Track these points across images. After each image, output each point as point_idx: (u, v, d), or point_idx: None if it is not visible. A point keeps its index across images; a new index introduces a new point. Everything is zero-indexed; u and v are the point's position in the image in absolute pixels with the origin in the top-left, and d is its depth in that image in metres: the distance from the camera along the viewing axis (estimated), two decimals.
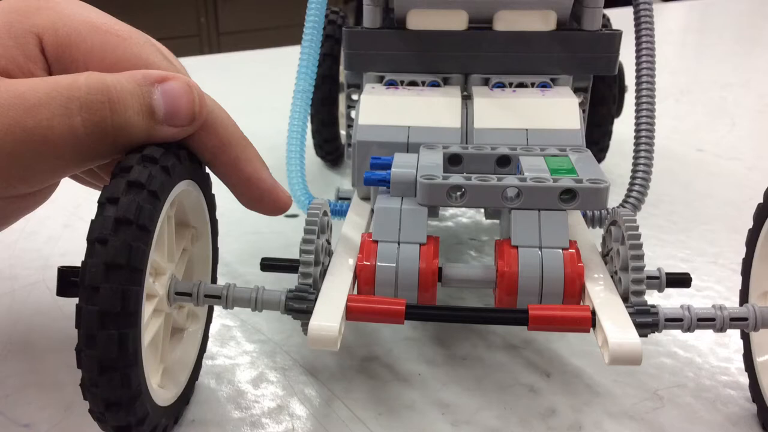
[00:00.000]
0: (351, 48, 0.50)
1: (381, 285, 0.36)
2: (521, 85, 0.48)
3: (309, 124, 0.62)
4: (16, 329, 0.45)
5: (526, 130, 0.44)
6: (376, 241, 0.37)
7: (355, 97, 0.54)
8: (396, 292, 0.36)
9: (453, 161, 0.42)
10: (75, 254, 0.31)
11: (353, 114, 0.51)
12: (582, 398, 0.39)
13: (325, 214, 0.38)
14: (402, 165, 0.40)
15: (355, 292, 0.37)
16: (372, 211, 0.43)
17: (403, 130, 0.44)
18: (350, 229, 0.42)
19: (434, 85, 0.49)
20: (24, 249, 0.55)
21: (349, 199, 0.49)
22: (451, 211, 0.61)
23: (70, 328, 0.29)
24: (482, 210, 0.54)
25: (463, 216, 0.60)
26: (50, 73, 0.35)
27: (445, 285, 0.38)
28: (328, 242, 0.39)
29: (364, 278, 0.37)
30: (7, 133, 0.31)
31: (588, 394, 0.39)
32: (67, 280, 0.33)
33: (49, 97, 0.31)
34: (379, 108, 0.46)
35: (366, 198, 0.47)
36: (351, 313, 0.34)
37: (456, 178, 0.37)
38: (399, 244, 0.37)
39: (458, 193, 0.37)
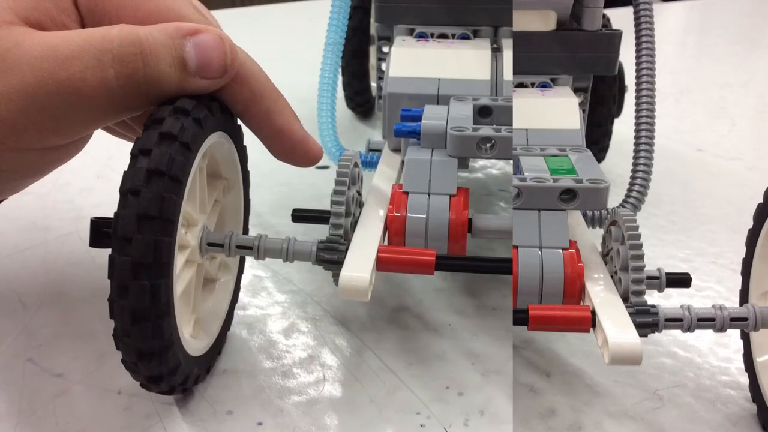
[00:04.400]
0: (381, 0, 0.49)
1: (411, 236, 0.37)
2: (521, 85, 0.48)
3: (340, 77, 0.62)
4: (49, 279, 0.46)
5: (526, 130, 0.43)
6: (407, 193, 0.37)
7: (385, 49, 0.54)
8: (426, 243, 0.37)
9: (483, 113, 0.42)
10: (108, 205, 0.31)
11: (384, 66, 0.51)
12: (582, 398, 0.38)
13: (355, 165, 0.38)
14: (432, 117, 0.40)
15: (386, 242, 0.37)
16: (402, 162, 0.43)
17: (434, 82, 0.44)
18: (381, 180, 0.42)
19: (464, 37, 0.49)
20: (57, 200, 0.56)
21: (379, 150, 0.49)
22: (481, 162, 0.61)
23: (103, 279, 0.30)
24: (512, 162, 0.54)
25: (492, 167, 0.60)
26: (83, 26, 0.35)
27: (475, 236, 0.38)
28: (359, 193, 0.39)
29: (394, 229, 0.37)
30: (40, 86, 0.31)
31: (588, 394, 0.39)
32: (100, 231, 0.34)
33: (82, 50, 0.31)
34: (410, 60, 0.45)
35: (396, 150, 0.47)
36: (381, 264, 0.35)
37: (486, 130, 0.37)
38: (429, 195, 0.37)
39: (488, 145, 0.37)
